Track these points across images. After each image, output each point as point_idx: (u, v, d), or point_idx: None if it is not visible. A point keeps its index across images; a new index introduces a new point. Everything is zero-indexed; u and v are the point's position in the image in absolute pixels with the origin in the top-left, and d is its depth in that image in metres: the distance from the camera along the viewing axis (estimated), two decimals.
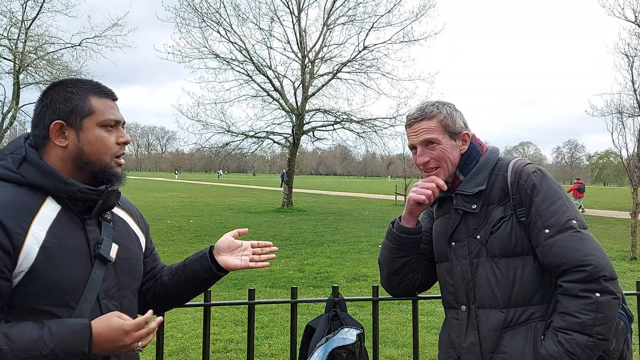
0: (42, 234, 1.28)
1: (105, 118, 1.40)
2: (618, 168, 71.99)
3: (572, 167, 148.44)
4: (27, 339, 1.19)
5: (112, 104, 1.45)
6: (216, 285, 7.32)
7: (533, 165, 1.72)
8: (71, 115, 1.38)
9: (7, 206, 1.26)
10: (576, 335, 1.51)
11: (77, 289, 1.31)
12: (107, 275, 1.38)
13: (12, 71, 19.14)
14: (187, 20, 20.37)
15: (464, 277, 1.73)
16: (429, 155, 1.75)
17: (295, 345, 1.99)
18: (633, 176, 10.97)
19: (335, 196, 34.56)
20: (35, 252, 1.25)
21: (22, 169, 1.33)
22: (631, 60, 11.13)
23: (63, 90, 1.40)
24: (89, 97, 1.40)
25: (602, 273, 1.52)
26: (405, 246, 1.84)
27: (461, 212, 1.74)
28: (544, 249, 1.60)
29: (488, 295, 1.67)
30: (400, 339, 5.18)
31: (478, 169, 1.75)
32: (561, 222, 1.59)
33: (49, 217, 1.31)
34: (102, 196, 1.38)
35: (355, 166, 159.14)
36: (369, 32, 21.03)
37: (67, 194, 1.34)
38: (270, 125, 22.18)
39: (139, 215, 1.66)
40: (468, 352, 1.70)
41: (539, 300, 1.64)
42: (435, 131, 1.74)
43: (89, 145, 1.38)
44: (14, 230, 1.24)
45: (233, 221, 16.50)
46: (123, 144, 1.45)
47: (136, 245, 1.55)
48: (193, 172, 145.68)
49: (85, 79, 1.46)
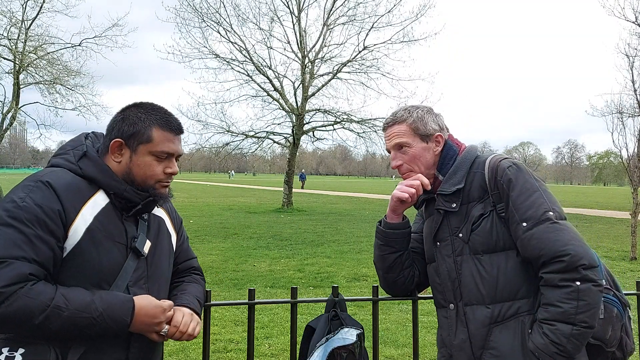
0: (90, 218, 1.45)
1: (158, 149, 1.55)
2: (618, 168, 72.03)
3: (572, 167, 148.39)
4: (82, 301, 1.36)
5: (172, 137, 1.58)
6: (216, 286, 7.34)
7: (509, 160, 1.73)
8: (131, 137, 1.54)
9: (67, 187, 1.44)
10: (560, 325, 1.52)
11: (111, 273, 1.46)
12: (139, 266, 1.53)
13: (12, 71, 19.17)
14: (187, 20, 20.41)
15: (450, 275, 1.75)
16: (401, 159, 1.81)
17: (295, 345, 1.99)
18: (633, 176, 10.97)
19: (335, 196, 34.56)
20: (82, 232, 1.42)
21: (82, 162, 1.52)
22: (631, 60, 11.12)
23: (134, 113, 1.57)
24: (153, 126, 1.55)
25: (581, 262, 1.52)
26: (393, 241, 1.86)
27: (442, 212, 1.77)
28: (522, 242, 1.62)
29: (474, 292, 1.69)
30: (400, 339, 5.19)
31: (455, 168, 1.78)
32: (538, 214, 1.60)
33: (99, 205, 1.49)
34: (143, 202, 1.55)
35: (355, 166, 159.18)
36: (369, 32, 21.04)
37: (115, 191, 1.52)
38: (270, 125, 22.21)
39: (174, 211, 1.81)
40: (459, 349, 1.72)
41: (525, 294, 1.65)
42: (405, 135, 1.79)
43: (137, 168, 1.55)
44: (68, 207, 1.41)
45: (233, 221, 16.50)
46: (170, 175, 1.60)
47: (167, 243, 1.69)
48: (193, 172, 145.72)
49: (160, 107, 1.61)
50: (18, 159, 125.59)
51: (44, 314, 1.31)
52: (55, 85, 19.83)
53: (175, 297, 1.63)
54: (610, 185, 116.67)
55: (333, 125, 22.17)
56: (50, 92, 20.00)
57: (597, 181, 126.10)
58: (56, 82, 19.70)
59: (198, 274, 1.82)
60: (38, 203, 1.37)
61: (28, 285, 1.31)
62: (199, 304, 1.68)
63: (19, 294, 1.29)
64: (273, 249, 10.85)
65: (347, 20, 21.29)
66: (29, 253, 1.33)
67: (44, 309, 1.31)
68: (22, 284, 1.31)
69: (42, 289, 1.33)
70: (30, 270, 1.32)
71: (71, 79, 20.16)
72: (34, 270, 1.33)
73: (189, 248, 1.84)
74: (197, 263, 1.86)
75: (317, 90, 21.73)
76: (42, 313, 1.30)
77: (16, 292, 1.29)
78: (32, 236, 1.34)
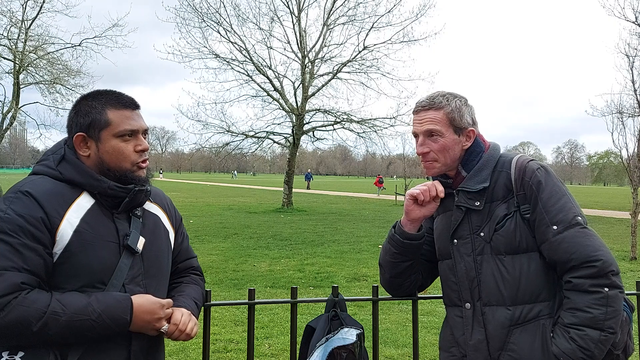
0: (77, 220, 1.43)
1: (119, 129, 1.52)
2: (618, 168, 71.96)
3: (572, 167, 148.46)
4: (78, 305, 1.36)
5: (129, 114, 1.54)
6: (216, 286, 7.33)
7: (536, 162, 1.71)
8: (90, 127, 1.52)
9: (47, 193, 1.43)
10: (589, 331, 1.51)
11: (105, 273, 1.45)
12: (134, 264, 1.52)
13: (12, 71, 19.14)
14: (187, 20, 20.41)
15: (468, 274, 1.71)
16: (429, 146, 1.73)
17: (295, 345, 1.99)
18: (633, 176, 10.97)
19: (335, 196, 34.54)
20: (69, 235, 1.41)
21: (61, 166, 1.51)
22: (631, 60, 11.13)
23: (85, 104, 1.54)
24: (106, 109, 1.52)
25: (610, 268, 1.54)
26: (408, 252, 1.82)
27: (464, 209, 1.73)
28: (552, 245, 1.60)
29: (494, 293, 1.66)
30: (400, 339, 5.18)
31: (481, 165, 1.74)
32: (568, 218, 1.60)
33: (84, 207, 1.47)
34: (130, 194, 1.52)
35: (355, 166, 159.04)
36: (369, 32, 21.04)
37: (98, 190, 1.50)
38: (270, 125, 22.21)
39: (172, 209, 1.78)
40: (475, 349, 1.69)
41: (546, 297, 1.64)
42: (440, 123, 1.71)
43: (108, 155, 1.52)
44: (51, 213, 1.40)
45: (233, 221, 16.50)
46: (141, 152, 1.55)
47: (164, 239, 1.66)
48: (193, 172, 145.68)
49: (108, 90, 1.57)
50: (18, 159, 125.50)
51: (41, 321, 1.30)
52: (55, 85, 19.80)
53: (172, 299, 1.62)
54: (610, 185, 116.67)
55: (333, 125, 22.17)
56: (50, 92, 19.97)
57: (597, 181, 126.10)
58: (56, 82, 19.66)
59: (197, 274, 1.81)
60: (20, 213, 1.37)
61: (22, 294, 1.31)
62: (197, 306, 1.68)
63: (13, 304, 1.29)
64: (273, 249, 10.85)
65: (347, 20, 21.30)
66: (18, 262, 1.33)
67: (40, 316, 1.30)
68: (16, 293, 1.30)
69: (37, 297, 1.33)
70: (21, 279, 1.32)
71: (71, 78, 20.14)
72: (26, 279, 1.33)
73: (189, 247, 1.83)
74: (197, 263, 1.85)
75: (317, 90, 21.74)
76: (39, 320, 1.30)
77: (10, 302, 1.29)
78: (19, 245, 1.34)
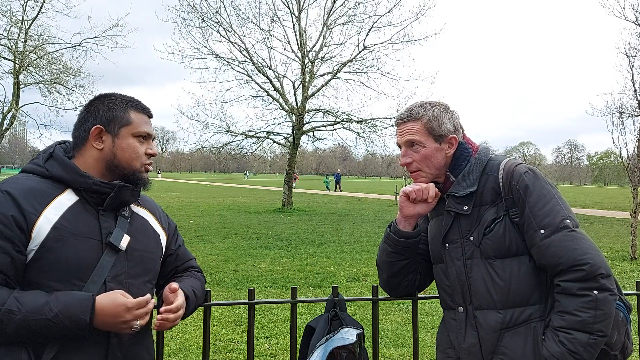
0: (55, 217, 1.44)
1: (139, 130, 1.59)
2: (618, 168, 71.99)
3: (572, 167, 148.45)
4: (35, 303, 1.34)
5: (147, 120, 1.64)
6: (216, 286, 7.34)
7: (524, 165, 1.71)
8: (111, 122, 1.57)
9: (26, 191, 1.44)
10: (577, 334, 1.51)
11: (84, 270, 1.44)
12: (118, 262, 1.50)
13: (12, 71, 19.15)
14: (187, 21, 20.38)
15: (459, 278, 1.73)
16: (411, 157, 1.77)
17: (295, 345, 1.99)
18: (633, 176, 10.96)
19: (335, 196, 34.54)
20: (46, 231, 1.41)
21: (48, 164, 1.53)
22: (631, 60, 11.09)
23: (107, 101, 1.60)
24: (129, 109, 1.60)
25: (599, 271, 1.53)
26: (404, 250, 1.83)
27: (453, 214, 1.74)
28: (540, 249, 1.60)
29: (485, 297, 1.67)
30: (400, 339, 5.18)
31: (469, 170, 1.75)
32: (556, 222, 1.59)
33: (64, 204, 1.47)
34: (115, 190, 1.52)
35: (355, 166, 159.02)
36: (369, 32, 21.01)
37: (82, 186, 1.50)
38: (270, 125, 22.19)
39: (163, 216, 1.79)
40: (468, 353, 1.70)
41: (537, 300, 1.64)
42: (419, 133, 1.75)
43: (122, 151, 1.57)
44: (27, 210, 1.40)
45: (233, 221, 16.50)
46: (150, 155, 1.63)
47: (153, 241, 1.66)
48: (193, 172, 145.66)
49: (128, 95, 1.66)
50: (18, 159, 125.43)
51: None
52: (55, 85, 19.82)
53: None
54: (610, 185, 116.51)
55: (333, 125, 22.16)
56: (50, 92, 19.99)
57: (597, 181, 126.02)
58: (56, 82, 19.68)
59: (198, 271, 1.82)
60: None
61: None
62: (195, 295, 1.68)
63: None
64: (273, 249, 10.85)
65: (347, 20, 21.28)
66: None
67: None
68: None
69: None
70: None
71: (71, 78, 20.15)
72: None
73: (186, 251, 1.83)
74: (196, 263, 1.86)
75: (317, 90, 21.73)
76: None
77: None
78: None
